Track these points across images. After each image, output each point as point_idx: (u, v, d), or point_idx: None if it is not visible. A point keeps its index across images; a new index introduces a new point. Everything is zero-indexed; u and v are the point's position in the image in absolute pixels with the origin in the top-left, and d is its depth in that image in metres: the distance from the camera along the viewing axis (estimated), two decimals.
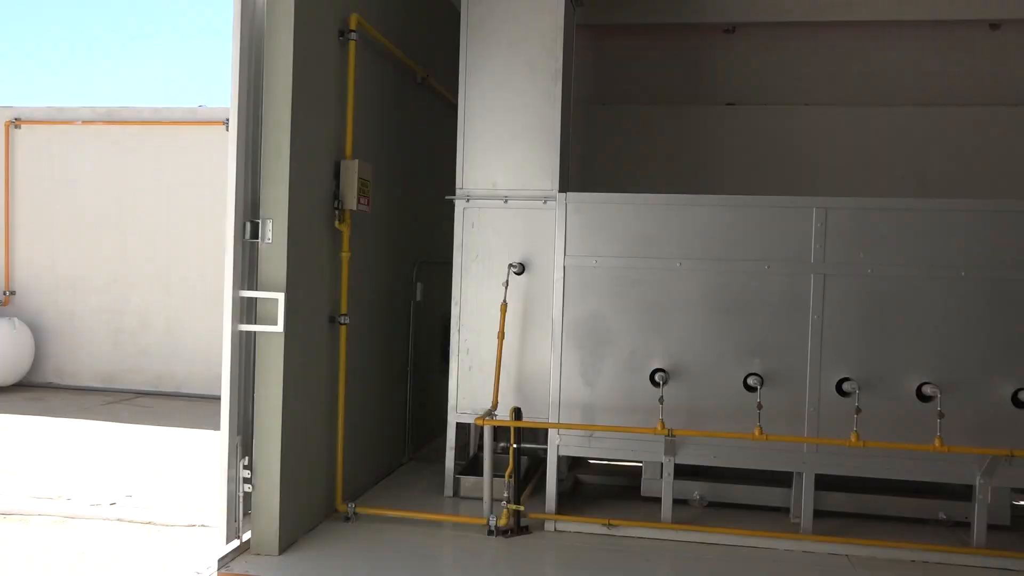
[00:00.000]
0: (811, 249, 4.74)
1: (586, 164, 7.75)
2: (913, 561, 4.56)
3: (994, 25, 7.35)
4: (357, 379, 5.36)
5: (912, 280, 4.66)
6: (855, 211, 4.73)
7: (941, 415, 4.40)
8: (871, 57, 7.56)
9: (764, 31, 7.59)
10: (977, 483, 4.60)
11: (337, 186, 4.94)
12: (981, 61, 7.45)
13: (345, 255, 5.00)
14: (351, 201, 4.92)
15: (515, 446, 4.85)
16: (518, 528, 4.86)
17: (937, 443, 4.39)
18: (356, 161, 4.94)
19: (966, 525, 4.75)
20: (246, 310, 4.45)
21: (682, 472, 5.14)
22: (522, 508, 4.88)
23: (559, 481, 5.22)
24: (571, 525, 4.94)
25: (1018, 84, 7.42)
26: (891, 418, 4.65)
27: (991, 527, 4.71)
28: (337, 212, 4.93)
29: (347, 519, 4.97)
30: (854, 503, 5.08)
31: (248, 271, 4.49)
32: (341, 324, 5.01)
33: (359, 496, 5.41)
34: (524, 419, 5.07)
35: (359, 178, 4.94)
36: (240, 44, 4.30)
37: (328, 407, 4.97)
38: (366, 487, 5.62)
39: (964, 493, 4.85)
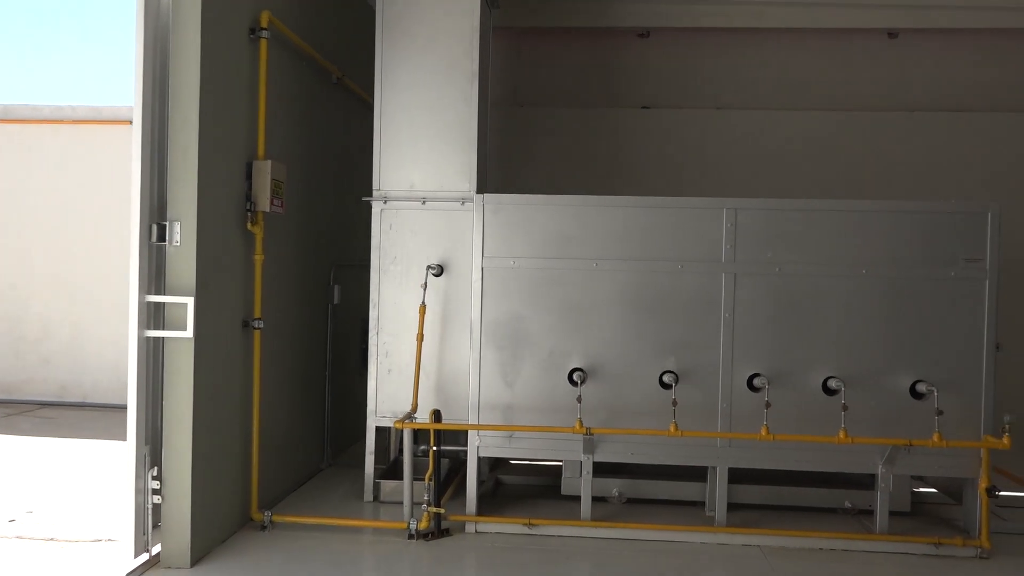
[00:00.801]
0: (722, 249, 4.87)
1: (505, 165, 7.79)
2: (821, 549, 4.73)
3: (892, 34, 7.72)
4: (272, 384, 5.24)
5: (817, 278, 4.83)
6: (763, 212, 4.88)
7: (845, 408, 4.58)
8: (780, 63, 7.83)
9: (677, 36, 7.77)
10: (879, 472, 4.80)
11: (249, 187, 4.82)
12: (880, 68, 7.81)
13: (258, 258, 4.89)
14: (264, 202, 4.81)
15: (435, 449, 4.83)
16: (439, 531, 4.84)
17: (842, 435, 4.56)
18: (269, 162, 4.83)
19: (870, 512, 4.95)
20: (153, 316, 4.30)
21: (602, 470, 5.21)
22: (443, 511, 4.85)
23: (480, 482, 5.22)
24: (492, 526, 4.94)
25: (914, 90, 7.81)
26: (799, 412, 4.81)
27: (893, 513, 4.92)
28: (249, 214, 4.81)
29: (263, 528, 4.86)
30: (766, 495, 5.23)
31: (155, 275, 4.34)
32: (255, 328, 4.89)
33: (276, 504, 5.29)
34: (444, 421, 5.05)
35: (272, 179, 4.83)
36: (144, 39, 4.15)
37: (242, 414, 4.85)
38: (283, 495, 5.50)
39: (868, 482, 5.06)
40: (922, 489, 5.58)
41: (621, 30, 7.75)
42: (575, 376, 4.86)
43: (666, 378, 4.84)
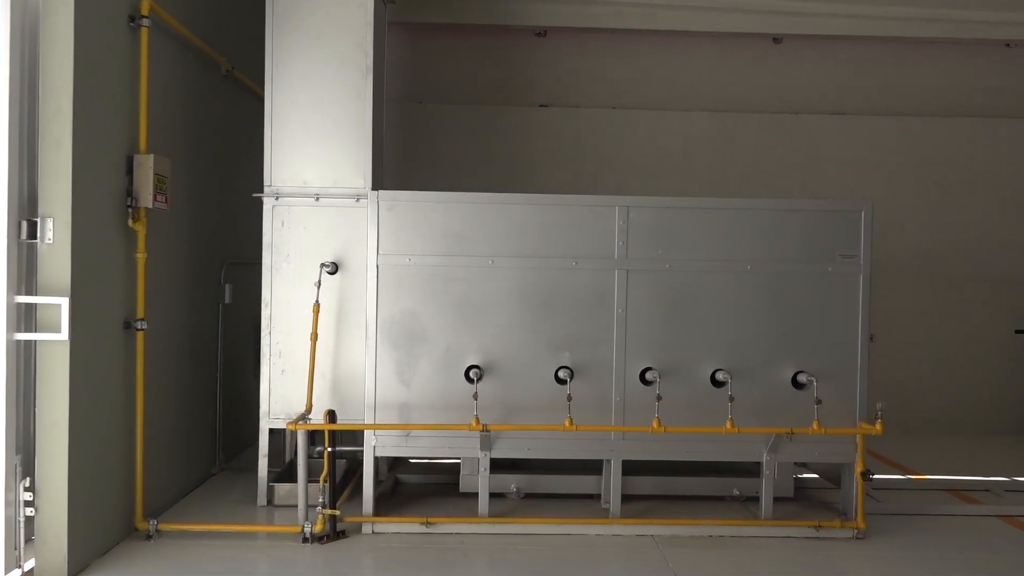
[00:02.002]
0: (615, 246, 4.96)
1: (404, 162, 7.73)
2: (711, 536, 4.89)
3: (777, 40, 8.03)
4: (158, 387, 5.03)
5: (706, 274, 4.99)
6: (654, 210, 5.00)
7: (731, 399, 4.75)
8: (673, 65, 8.03)
9: (574, 36, 7.87)
10: (764, 460, 5.00)
11: (131, 182, 4.60)
12: (767, 72, 8.12)
13: (140, 256, 4.67)
14: (146, 198, 4.60)
15: (329, 450, 4.74)
16: (335, 533, 4.76)
17: (729, 425, 4.73)
18: (152, 156, 4.63)
19: (757, 499, 5.14)
20: (24, 318, 4.06)
21: (500, 466, 5.23)
22: (338, 512, 4.77)
23: (378, 482, 5.16)
24: (389, 526, 4.89)
25: (798, 94, 8.15)
26: (689, 404, 4.96)
27: (777, 499, 5.13)
28: (131, 210, 4.59)
29: (148, 537, 4.66)
30: (659, 486, 5.37)
31: (26, 275, 4.10)
32: (137, 330, 4.68)
33: (163, 512, 5.09)
34: (339, 421, 4.96)
35: (155, 174, 4.63)
36: (11, 22, 3.91)
37: (125, 419, 4.63)
38: (171, 502, 5.29)
39: (755, 470, 5.24)
40: (805, 475, 5.85)
41: (519, 28, 7.79)
42: (471, 373, 4.86)
43: (561, 374, 4.90)
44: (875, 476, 5.06)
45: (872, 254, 5.04)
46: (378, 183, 5.52)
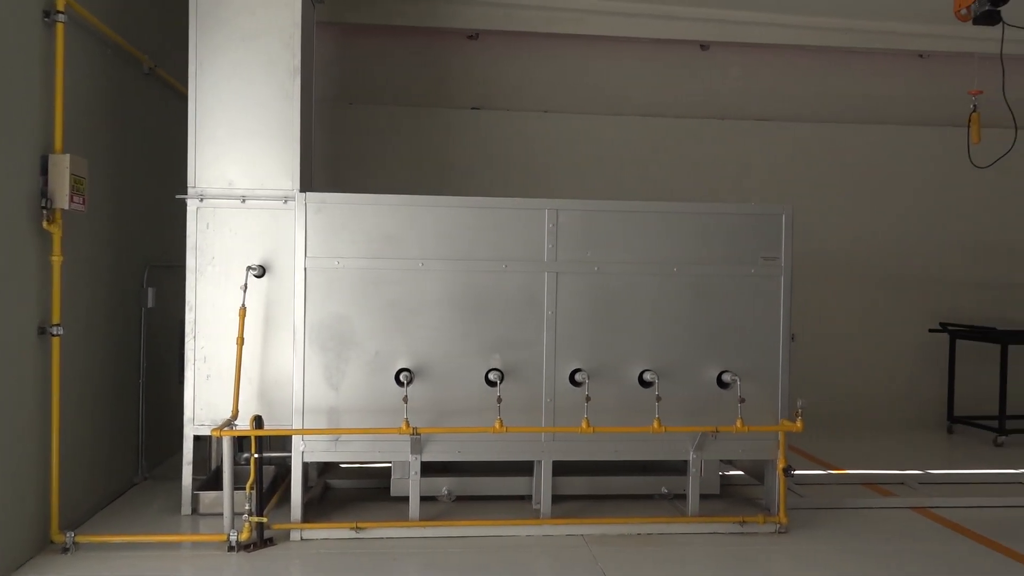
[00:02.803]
0: (544, 248, 5.00)
1: (335, 164, 7.65)
2: (639, 534, 4.97)
3: (704, 47, 8.21)
4: (76, 395, 4.87)
5: (633, 276, 5.07)
6: (583, 213, 5.06)
7: (659, 399, 4.84)
8: (603, 70, 8.14)
9: (505, 39, 7.90)
10: (691, 458, 5.10)
11: (45, 183, 4.45)
12: (694, 78, 8.29)
13: (56, 259, 4.51)
14: (62, 200, 4.45)
15: (256, 456, 4.66)
16: (262, 541, 4.68)
17: (656, 424, 4.81)
18: (67, 155, 4.48)
19: (684, 497, 5.24)
20: None
21: (432, 469, 5.22)
22: (265, 520, 4.69)
23: (307, 488, 5.09)
24: (318, 532, 4.84)
25: (723, 100, 8.35)
26: (618, 404, 5.03)
27: (704, 496, 5.25)
28: (45, 212, 4.44)
29: (65, 550, 4.50)
30: (589, 485, 5.43)
31: None
32: (53, 336, 4.52)
33: (82, 524, 4.93)
34: (266, 427, 4.89)
35: (72, 174, 4.48)
36: None
37: (39, 428, 4.47)
38: (91, 513, 5.12)
39: (683, 468, 5.34)
40: (731, 472, 5.99)
41: (450, 31, 7.78)
42: (401, 376, 4.83)
43: (491, 376, 4.91)
44: (796, 472, 5.21)
45: (793, 256, 5.19)
46: (306, 185, 5.45)
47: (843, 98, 8.49)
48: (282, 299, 5.22)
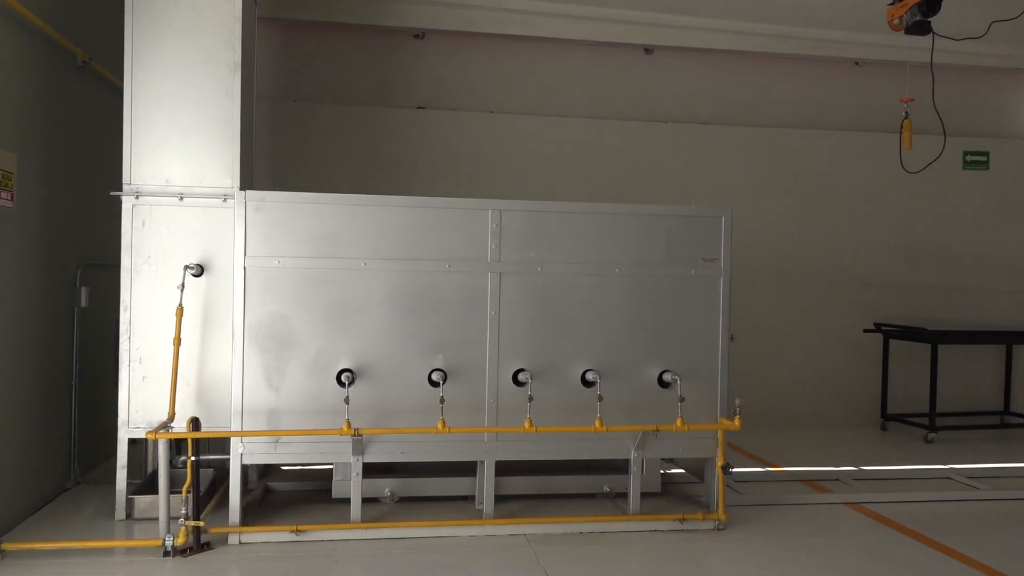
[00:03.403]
0: (488, 249, 5.01)
1: (278, 162, 7.54)
2: (581, 533, 5.01)
3: (648, 50, 8.32)
4: (3, 397, 4.71)
5: (576, 277, 5.10)
6: (527, 213, 5.08)
7: (600, 398, 4.88)
8: (549, 72, 8.19)
9: (451, 39, 7.90)
10: (632, 457, 5.16)
11: None
12: (639, 81, 8.39)
13: None
14: None
15: (193, 459, 4.57)
16: (198, 546, 4.58)
17: (598, 424, 4.86)
18: None
19: (626, 495, 5.29)
20: None
21: (375, 470, 5.19)
22: (202, 524, 4.60)
23: (247, 491, 5.02)
24: (258, 536, 4.76)
25: (669, 103, 8.46)
26: (561, 404, 5.06)
27: (645, 495, 5.31)
28: None
29: None
30: (532, 485, 5.44)
31: None
32: None
33: (9, 530, 4.77)
34: (204, 429, 4.79)
35: None
36: None
37: None
38: (19, 519, 4.95)
39: (625, 467, 5.39)
40: (672, 471, 6.07)
41: (396, 29, 7.75)
42: (343, 377, 4.79)
43: (435, 376, 4.90)
44: (735, 469, 5.32)
45: (733, 257, 5.29)
46: (247, 183, 5.37)
47: (783, 103, 8.70)
48: (221, 299, 5.12)
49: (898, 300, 8.89)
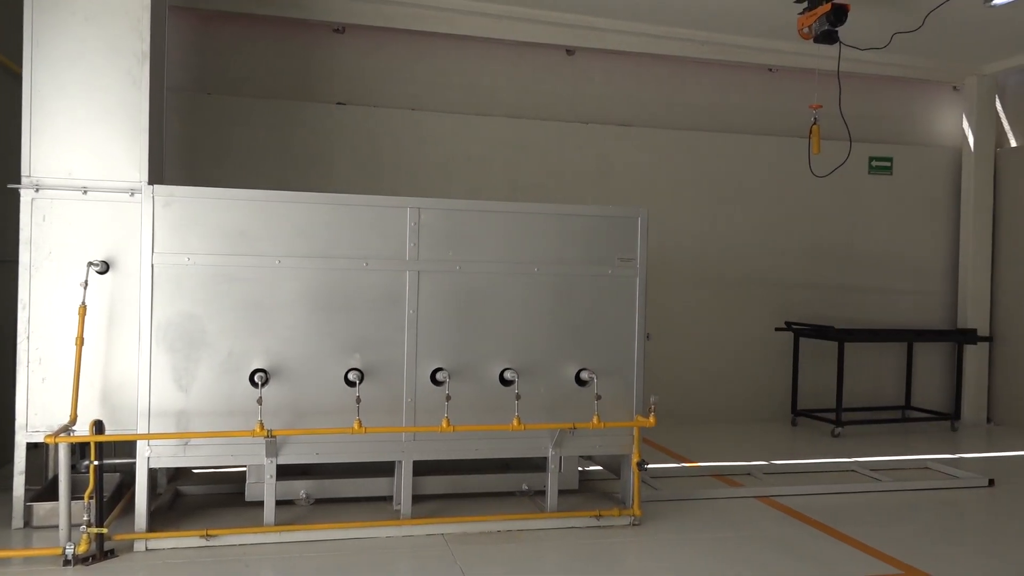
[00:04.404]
0: (406, 247, 4.97)
1: (191, 156, 7.33)
2: (499, 531, 5.02)
3: (570, 52, 8.40)
4: None
5: (495, 276, 5.11)
6: (446, 212, 5.06)
7: (518, 397, 4.90)
8: (472, 70, 8.18)
9: (373, 35, 7.81)
10: (550, 455, 5.20)
11: None
12: (561, 82, 8.46)
13: None
14: None
15: (96, 463, 4.39)
16: (101, 553, 4.41)
17: (515, 422, 4.88)
18: None
19: (544, 493, 5.33)
20: None
21: (291, 472, 5.10)
22: (105, 531, 4.43)
23: (155, 496, 4.86)
24: (166, 542, 4.61)
25: (590, 105, 8.56)
26: (479, 403, 5.06)
27: (563, 492, 5.37)
28: None
29: None
30: (450, 484, 5.43)
31: None
32: None
33: None
34: (109, 432, 4.62)
35: None
36: None
37: None
38: None
39: (543, 465, 5.44)
40: (591, 468, 6.15)
41: (316, 23, 7.61)
42: (256, 377, 4.68)
43: (351, 376, 4.83)
44: (651, 465, 5.42)
45: (649, 257, 5.38)
46: (156, 177, 5.20)
47: (700, 107, 8.89)
48: (128, 297, 4.94)
49: (808, 300, 9.21)
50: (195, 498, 5.44)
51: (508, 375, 5.05)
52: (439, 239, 5.02)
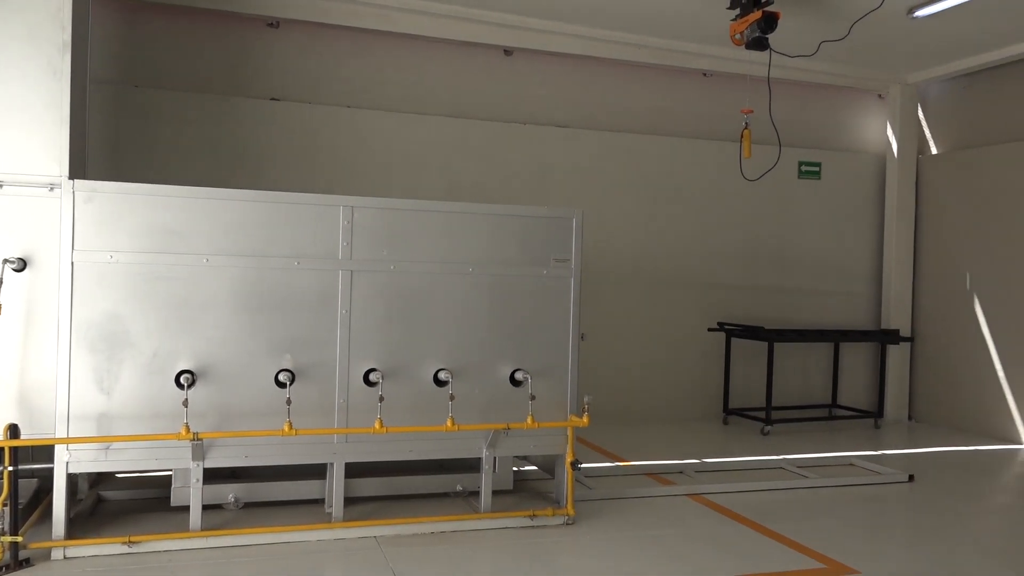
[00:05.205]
0: (339, 246, 4.90)
1: (117, 151, 7.10)
2: (432, 533, 4.99)
3: (508, 52, 8.41)
4: None
5: (429, 276, 5.08)
6: (380, 211, 5.01)
7: (452, 398, 4.88)
8: (410, 69, 8.12)
9: (308, 30, 7.69)
10: (484, 455, 5.19)
11: None
12: (499, 82, 8.46)
13: None
14: None
15: (10, 469, 4.22)
16: (16, 563, 4.24)
17: (449, 423, 4.86)
18: None
19: (479, 493, 5.32)
20: None
21: (221, 475, 4.98)
22: (21, 539, 4.26)
23: (75, 501, 4.69)
24: (85, 549, 4.46)
25: (528, 105, 8.58)
26: (413, 403, 5.02)
27: (498, 492, 5.37)
28: None
29: None
30: (384, 486, 5.37)
31: None
32: None
33: None
34: (25, 436, 4.43)
35: None
36: None
37: None
38: None
39: (477, 465, 5.42)
40: (526, 468, 6.17)
41: (249, 17, 7.46)
42: (182, 379, 4.56)
43: (282, 377, 4.75)
44: (585, 465, 5.46)
45: (584, 258, 5.41)
46: (78, 171, 5.02)
47: (636, 110, 9.00)
48: (46, 296, 4.76)
49: (740, 300, 9.40)
50: (118, 503, 5.28)
51: (442, 376, 5.02)
52: (373, 238, 4.97)
